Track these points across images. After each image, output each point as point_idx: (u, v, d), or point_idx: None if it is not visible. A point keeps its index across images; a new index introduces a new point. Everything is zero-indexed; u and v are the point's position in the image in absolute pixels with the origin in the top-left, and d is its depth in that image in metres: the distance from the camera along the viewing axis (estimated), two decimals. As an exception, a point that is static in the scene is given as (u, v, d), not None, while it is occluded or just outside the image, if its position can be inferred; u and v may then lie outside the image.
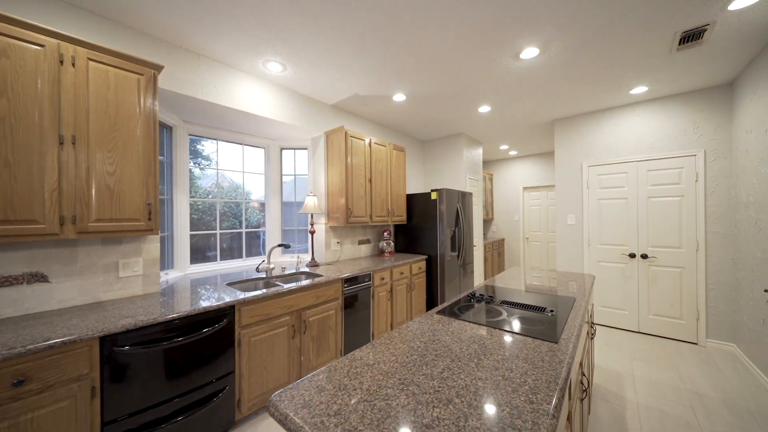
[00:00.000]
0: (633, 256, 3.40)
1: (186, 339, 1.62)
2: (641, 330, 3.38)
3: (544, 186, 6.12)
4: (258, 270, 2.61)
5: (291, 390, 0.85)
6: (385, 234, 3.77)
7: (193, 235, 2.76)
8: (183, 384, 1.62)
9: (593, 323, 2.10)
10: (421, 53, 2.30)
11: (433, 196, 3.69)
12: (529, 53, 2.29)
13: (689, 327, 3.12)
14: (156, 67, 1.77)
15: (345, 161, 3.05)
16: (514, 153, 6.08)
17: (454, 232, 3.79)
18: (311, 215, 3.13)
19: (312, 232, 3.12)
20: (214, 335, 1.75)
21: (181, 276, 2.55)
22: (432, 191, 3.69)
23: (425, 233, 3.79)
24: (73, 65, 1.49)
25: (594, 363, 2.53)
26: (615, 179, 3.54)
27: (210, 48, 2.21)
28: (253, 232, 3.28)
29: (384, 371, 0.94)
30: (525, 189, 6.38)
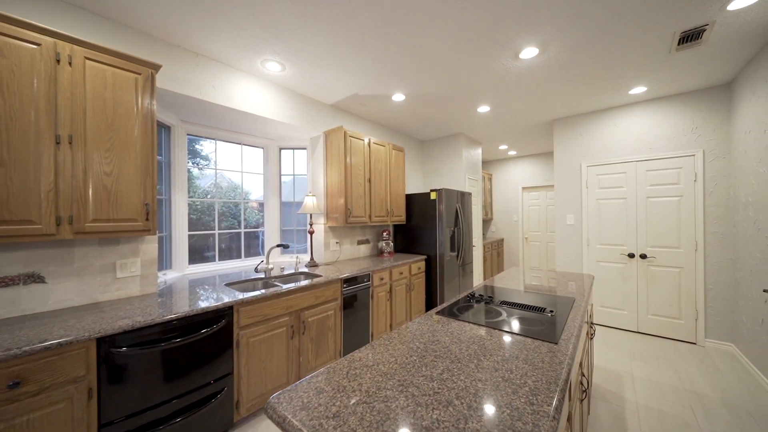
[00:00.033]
0: (632, 256, 3.41)
1: (184, 340, 1.61)
2: (640, 330, 3.38)
3: (543, 186, 6.12)
4: (257, 270, 2.60)
5: (289, 392, 0.84)
6: (385, 234, 3.77)
7: (192, 236, 2.75)
8: (181, 385, 1.61)
9: (592, 323, 2.10)
10: (421, 53, 2.29)
11: (433, 196, 3.68)
12: (529, 53, 2.29)
13: (688, 327, 3.12)
14: (154, 67, 1.76)
15: (344, 161, 3.04)
16: (513, 153, 6.09)
17: (453, 232, 3.78)
18: (310, 215, 3.13)
19: (311, 232, 3.11)
20: (212, 336, 1.74)
21: (180, 276, 2.54)
22: (431, 191, 3.69)
23: (424, 233, 3.78)
24: (70, 64, 1.48)
25: (593, 363, 2.53)
26: (614, 179, 3.54)
27: (208, 47, 2.20)
28: (252, 232, 3.27)
29: (383, 372, 0.93)
30: (524, 189, 6.38)
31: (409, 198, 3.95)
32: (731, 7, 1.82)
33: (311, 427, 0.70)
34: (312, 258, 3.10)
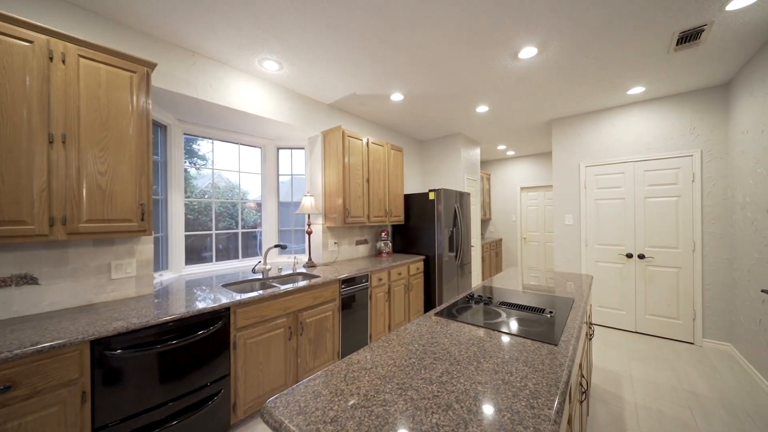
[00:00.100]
0: (630, 256, 3.41)
1: (180, 342, 1.59)
2: (638, 330, 3.38)
3: (541, 186, 6.13)
4: (254, 271, 2.58)
5: (286, 396, 0.82)
6: (383, 234, 3.75)
7: (189, 236, 2.72)
8: (177, 388, 1.59)
9: (591, 324, 2.10)
10: (420, 52, 2.28)
11: (431, 196, 3.67)
12: (528, 53, 2.28)
13: (686, 327, 3.13)
14: (149, 65, 1.74)
15: (342, 161, 3.02)
16: (511, 153, 6.09)
17: (451, 232, 3.77)
18: (308, 215, 3.11)
19: (309, 232, 3.09)
20: (208, 338, 1.72)
21: (176, 277, 2.52)
22: (430, 191, 3.68)
23: (423, 233, 3.77)
24: (63, 62, 1.45)
25: (592, 363, 2.53)
26: (612, 179, 3.55)
27: (205, 46, 2.17)
28: (250, 232, 3.24)
29: (382, 375, 0.92)
30: (522, 189, 6.39)
31: (408, 198, 3.94)
32: (730, 8, 1.82)
33: (308, 433, 0.68)
34: (310, 258, 3.08)
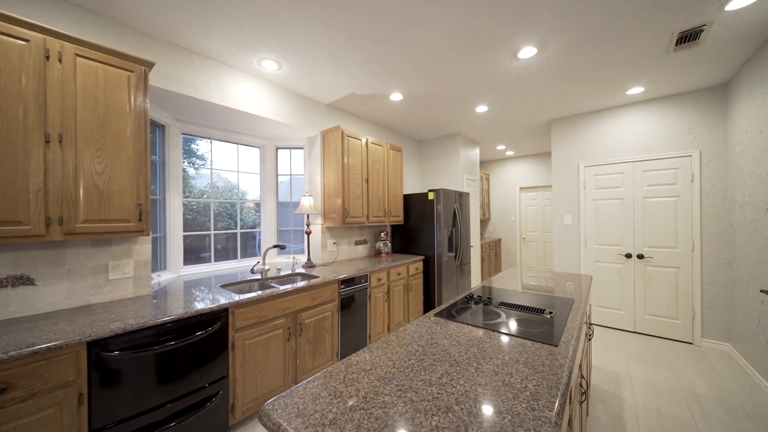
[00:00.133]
0: (629, 256, 3.41)
1: (178, 343, 1.58)
2: (637, 330, 3.39)
3: (540, 186, 6.13)
4: (253, 271, 2.57)
5: (284, 398, 0.82)
6: (382, 234, 3.74)
7: (187, 236, 2.71)
8: (175, 389, 1.58)
9: (591, 324, 2.10)
10: (419, 52, 2.27)
11: (431, 196, 3.67)
12: (527, 52, 2.28)
13: (685, 327, 3.13)
14: (147, 64, 1.73)
15: (341, 161, 3.01)
16: (510, 153, 6.09)
17: (451, 232, 3.77)
18: (307, 216, 3.10)
19: (308, 232, 3.08)
20: (207, 339, 1.71)
21: (174, 278, 2.50)
22: (429, 191, 3.67)
23: (422, 234, 3.77)
24: (60, 61, 1.44)
25: (591, 364, 2.53)
26: (611, 179, 3.55)
27: (203, 45, 2.16)
28: (249, 232, 3.23)
29: (381, 377, 0.91)
30: (522, 189, 6.39)
31: (407, 198, 3.93)
32: (729, 8, 1.82)
33: (307, 436, 0.67)
34: (309, 259, 3.07)
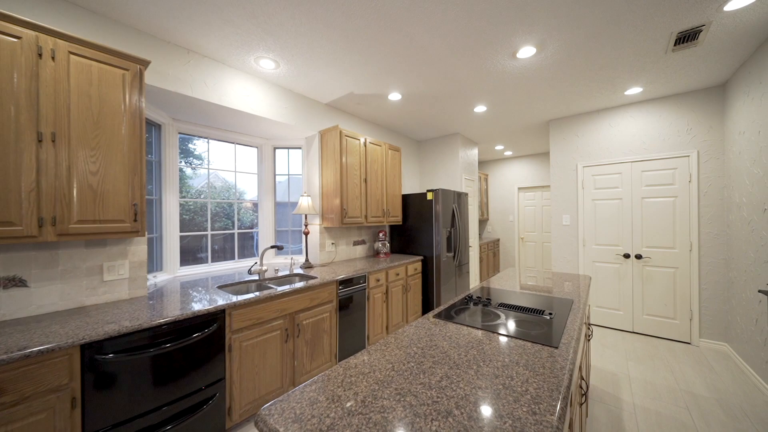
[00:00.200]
0: (627, 256, 3.42)
1: (174, 345, 1.56)
2: (635, 330, 3.39)
3: (538, 186, 6.14)
4: (250, 272, 2.54)
5: (281, 402, 0.80)
6: (381, 235, 3.73)
7: (184, 237, 2.69)
8: (171, 392, 1.56)
9: (590, 324, 2.09)
10: (418, 52, 2.26)
11: (429, 196, 3.66)
12: (526, 52, 2.27)
13: (683, 327, 3.14)
14: (142, 62, 1.70)
15: (340, 161, 3.00)
16: (509, 153, 6.09)
17: (449, 232, 3.76)
18: (305, 216, 3.08)
19: (306, 233, 3.06)
20: (203, 341, 1.69)
21: (171, 278, 2.48)
22: (428, 191, 3.66)
23: (421, 234, 3.76)
24: (53, 59, 1.42)
25: (590, 364, 2.52)
26: (610, 180, 3.55)
27: (200, 43, 2.14)
28: (246, 233, 3.21)
29: (380, 380, 0.90)
30: (520, 189, 6.39)
31: (406, 198, 3.92)
32: (728, 8, 1.82)
33: (304, 442, 0.66)
34: (307, 259, 3.05)
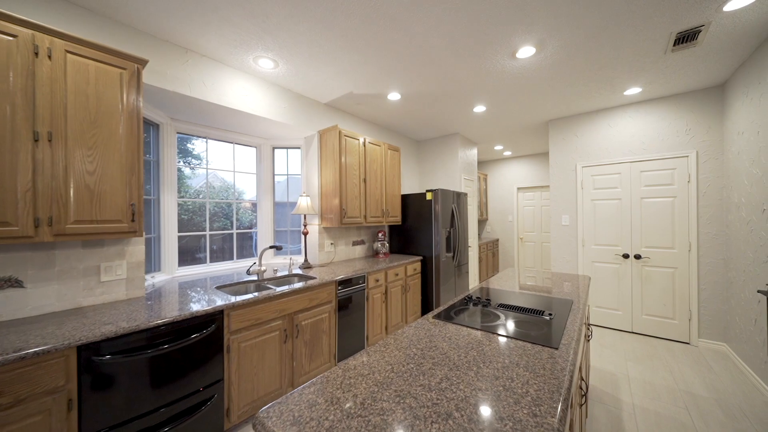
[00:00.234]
0: (626, 256, 3.42)
1: (172, 346, 1.54)
2: (634, 330, 3.39)
3: (537, 186, 6.14)
4: (249, 272, 2.53)
5: (279, 405, 0.79)
6: (380, 235, 3.72)
7: (182, 237, 2.67)
8: (169, 393, 1.55)
9: (589, 325, 2.09)
10: (417, 51, 2.25)
11: (428, 196, 3.65)
12: (526, 52, 2.27)
13: (681, 327, 3.14)
14: (140, 62, 1.69)
15: (339, 161, 2.99)
16: (508, 153, 6.09)
17: (449, 232, 3.76)
18: (304, 216, 3.07)
19: (305, 233, 3.05)
20: (201, 342, 1.68)
21: (169, 279, 2.46)
22: (427, 191, 3.66)
23: (420, 234, 3.75)
24: (50, 57, 1.40)
25: (590, 365, 2.52)
26: (609, 180, 3.55)
27: (198, 42, 2.13)
28: (245, 233, 3.19)
29: (379, 382, 0.89)
30: (519, 189, 6.40)
31: (405, 198, 3.91)
32: (727, 8, 1.82)
33: (302, 445, 0.65)
34: (306, 259, 3.04)
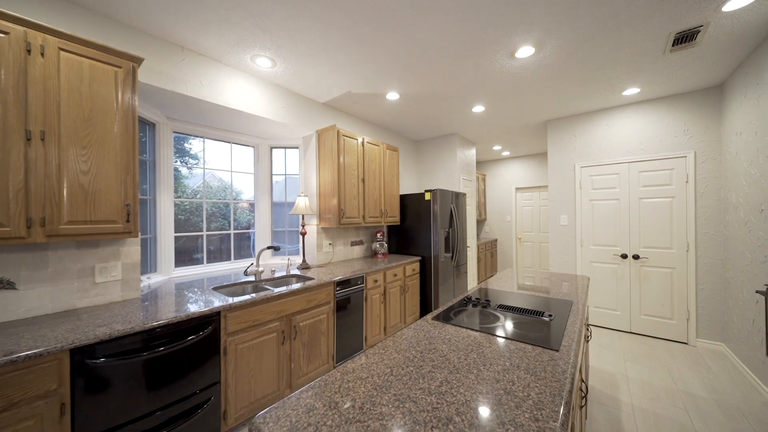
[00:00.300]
0: (625, 256, 3.42)
1: (168, 348, 1.52)
2: (633, 330, 3.40)
3: (536, 186, 6.15)
4: (246, 273, 2.51)
5: (276, 410, 0.78)
6: (378, 235, 3.71)
7: (179, 237, 2.64)
8: (165, 396, 1.53)
9: (589, 325, 2.08)
10: (416, 50, 2.24)
11: (427, 196, 3.64)
12: (525, 52, 2.26)
13: (680, 327, 3.14)
14: (135, 60, 1.67)
15: (337, 161, 2.97)
16: (507, 154, 6.09)
17: (447, 232, 3.75)
18: (302, 216, 3.05)
19: (303, 233, 3.03)
20: (198, 344, 1.65)
21: (165, 280, 2.44)
22: (426, 192, 3.65)
23: (419, 234, 3.74)
24: (42, 55, 1.38)
25: (589, 365, 2.52)
26: (607, 180, 3.56)
27: (195, 41, 2.10)
28: (243, 233, 3.17)
29: (378, 385, 0.88)
30: (518, 189, 6.40)
31: (404, 198, 3.90)
32: (726, 8, 1.82)
33: (300, 452, 0.63)
34: (304, 260, 3.02)
